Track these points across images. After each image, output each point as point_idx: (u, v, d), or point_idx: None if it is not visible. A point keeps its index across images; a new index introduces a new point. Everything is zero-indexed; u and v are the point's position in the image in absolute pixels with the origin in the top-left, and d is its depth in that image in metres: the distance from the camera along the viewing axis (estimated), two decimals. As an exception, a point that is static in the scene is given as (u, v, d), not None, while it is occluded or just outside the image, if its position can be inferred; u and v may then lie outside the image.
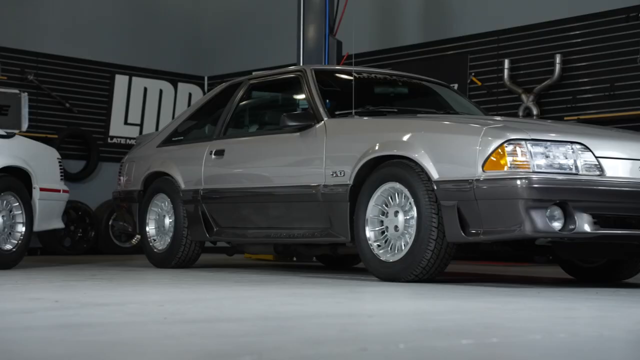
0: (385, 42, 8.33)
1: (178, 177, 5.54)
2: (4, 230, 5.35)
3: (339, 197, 4.42)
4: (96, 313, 2.64)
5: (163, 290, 3.68)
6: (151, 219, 5.75)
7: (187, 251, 5.52)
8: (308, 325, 2.30)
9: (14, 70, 8.36)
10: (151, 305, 2.90)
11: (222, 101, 5.62)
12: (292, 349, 1.81)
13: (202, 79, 9.87)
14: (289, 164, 4.82)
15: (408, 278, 4.05)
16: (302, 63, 6.70)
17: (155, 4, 9.57)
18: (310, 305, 2.93)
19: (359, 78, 5.04)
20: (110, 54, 9.12)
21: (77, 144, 8.90)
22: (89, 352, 1.84)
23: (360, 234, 4.27)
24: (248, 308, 2.82)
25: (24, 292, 3.44)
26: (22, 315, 2.56)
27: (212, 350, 1.81)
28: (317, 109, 4.74)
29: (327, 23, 6.63)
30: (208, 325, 2.32)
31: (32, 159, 5.58)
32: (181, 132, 5.90)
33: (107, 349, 1.89)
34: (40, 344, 1.94)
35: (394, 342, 1.91)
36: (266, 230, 4.96)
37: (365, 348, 1.81)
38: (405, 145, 4.11)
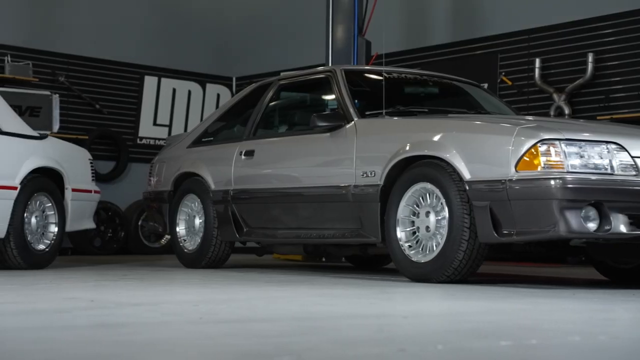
0: (414, 41, 8.30)
1: (208, 177, 5.56)
2: (37, 231, 5.41)
3: (370, 197, 4.41)
4: (131, 313, 2.66)
5: (195, 290, 3.69)
6: (181, 220, 5.78)
7: (217, 251, 5.54)
8: (342, 326, 2.29)
9: (45, 72, 8.45)
10: (185, 305, 2.91)
11: (252, 102, 5.64)
12: (330, 350, 1.80)
13: (230, 79, 9.91)
14: (319, 164, 4.81)
15: (440, 279, 4.03)
16: (331, 63, 6.69)
17: (184, 5, 9.63)
18: (343, 306, 2.92)
19: (389, 78, 5.02)
20: (140, 55, 9.19)
21: (107, 145, 8.98)
22: (128, 351, 1.85)
23: (391, 234, 4.25)
24: (280, 308, 2.82)
25: (60, 292, 3.47)
26: (59, 314, 2.58)
27: (250, 351, 1.81)
28: (347, 109, 4.73)
29: (356, 23, 6.61)
30: (242, 326, 2.32)
31: (65, 160, 5.64)
32: (211, 133, 5.92)
33: (145, 348, 1.89)
34: (80, 343, 1.96)
35: (431, 343, 1.89)
36: (296, 231, 4.96)
37: (404, 349, 1.79)
38: (437, 145, 4.09)
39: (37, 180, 5.36)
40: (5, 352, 1.83)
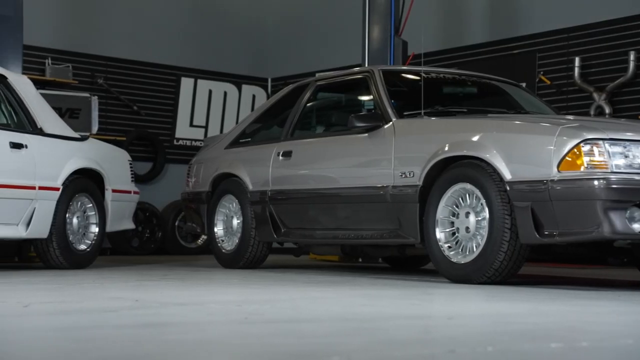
0: (451, 41, 8.26)
1: (246, 178, 5.59)
2: (78, 231, 5.48)
3: (408, 198, 4.40)
4: (177, 312, 2.68)
5: (236, 290, 3.71)
6: (219, 220, 5.82)
7: (254, 252, 5.56)
8: (389, 327, 2.29)
9: (84, 75, 8.57)
10: (229, 305, 2.93)
11: (289, 103, 5.65)
12: (379, 350, 1.80)
13: (265, 80, 9.95)
14: (357, 164, 4.81)
15: (480, 280, 4.01)
16: (368, 64, 6.69)
17: (220, 7, 9.69)
18: (386, 307, 2.92)
19: (428, 78, 5.00)
20: (176, 57, 9.27)
21: (144, 146, 9.07)
22: (178, 350, 1.87)
23: (431, 235, 4.23)
24: (324, 309, 2.83)
25: (104, 292, 3.52)
26: (107, 314, 2.62)
27: (299, 351, 1.82)
28: (385, 109, 4.73)
29: (393, 23, 6.60)
30: (288, 326, 2.33)
31: (105, 161, 5.71)
32: (249, 134, 5.95)
33: (195, 348, 1.91)
34: (129, 342, 1.98)
35: (480, 344, 1.89)
36: (334, 231, 4.96)
37: (453, 350, 1.79)
38: (476, 145, 4.07)
39: (79, 181, 5.43)
40: (57, 350, 1.86)
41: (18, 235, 5.03)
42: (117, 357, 1.75)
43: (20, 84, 5.31)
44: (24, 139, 5.06)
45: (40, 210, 5.09)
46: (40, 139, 5.21)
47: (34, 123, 5.25)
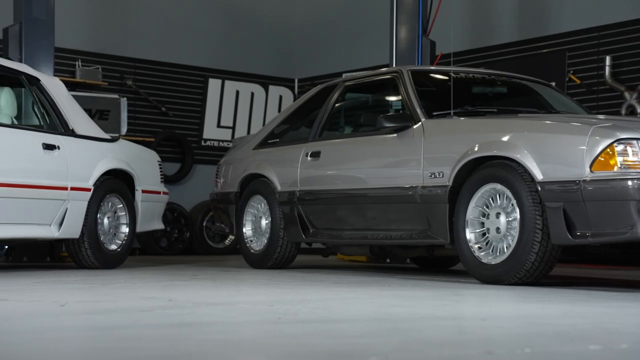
0: (479, 41, 8.22)
1: (274, 178, 5.61)
2: (109, 231, 5.54)
3: (438, 198, 4.39)
4: (210, 312, 2.70)
5: (267, 290, 3.73)
6: (248, 220, 5.84)
7: (283, 252, 5.58)
8: (422, 327, 2.29)
9: (113, 77, 8.66)
10: (261, 305, 2.95)
11: (318, 103, 5.66)
12: (415, 351, 1.80)
13: (292, 81, 9.98)
14: (385, 165, 4.81)
15: (511, 281, 3.99)
16: (395, 64, 6.67)
17: (247, 8, 9.73)
18: (418, 307, 2.92)
19: (457, 78, 4.98)
20: (204, 58, 9.33)
21: (172, 147, 9.13)
22: (215, 350, 1.89)
23: (460, 235, 4.22)
24: (357, 309, 2.83)
25: (137, 291, 3.55)
26: (142, 313, 2.65)
27: (335, 351, 1.82)
28: (414, 109, 4.72)
29: (420, 23, 6.58)
30: (322, 326, 2.34)
31: (135, 162, 5.76)
32: (277, 134, 5.97)
33: (231, 347, 1.93)
34: (166, 342, 2.00)
35: (517, 346, 1.88)
36: (363, 232, 4.96)
37: (490, 351, 1.78)
38: (507, 145, 4.05)
39: (109, 182, 5.49)
40: (96, 350, 1.89)
41: (51, 235, 5.09)
42: (155, 357, 1.77)
43: (52, 86, 5.38)
44: (56, 140, 5.12)
45: (72, 210, 5.15)
46: (72, 140, 5.27)
47: (66, 124, 5.31)
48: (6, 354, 1.82)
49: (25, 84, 5.23)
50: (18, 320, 2.50)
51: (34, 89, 5.27)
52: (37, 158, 4.94)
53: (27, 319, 2.53)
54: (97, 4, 8.72)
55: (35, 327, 2.31)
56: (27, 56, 6.11)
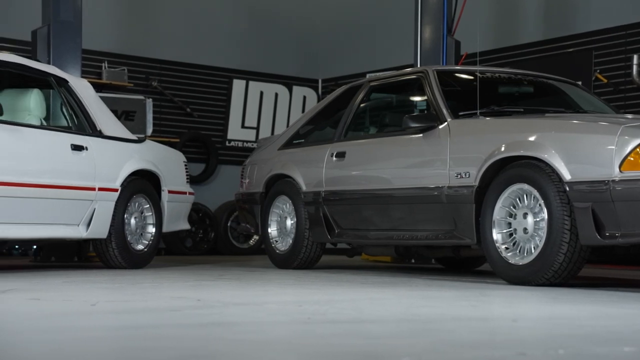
0: (504, 40, 8.17)
1: (299, 179, 5.62)
2: (136, 231, 5.58)
3: (464, 198, 4.37)
4: (239, 312, 2.71)
5: (294, 290, 3.74)
6: (273, 221, 5.86)
7: (308, 252, 5.59)
8: (453, 328, 2.28)
9: (139, 78, 8.72)
10: (290, 305, 2.96)
11: (342, 103, 5.67)
12: (449, 352, 1.80)
13: (316, 82, 9.99)
14: (411, 165, 4.80)
15: (539, 282, 3.96)
16: (420, 64, 6.66)
17: (271, 9, 9.76)
18: (446, 308, 2.91)
19: (483, 78, 4.96)
20: (228, 59, 9.37)
21: (197, 148, 9.18)
22: (246, 350, 1.90)
23: (487, 236, 4.20)
24: (385, 309, 2.83)
25: (165, 291, 3.58)
26: (172, 312, 2.67)
27: (368, 352, 1.83)
28: (440, 109, 4.70)
29: (445, 23, 6.56)
30: (352, 326, 2.34)
31: (161, 163, 5.80)
32: (302, 135, 5.98)
33: (261, 347, 1.94)
34: (198, 341, 2.02)
35: (551, 347, 1.87)
36: (388, 232, 4.95)
37: (524, 353, 1.78)
38: (534, 145, 4.02)
39: (136, 182, 5.53)
40: (128, 349, 1.90)
41: (79, 235, 5.14)
42: (187, 357, 1.78)
43: (80, 88, 5.43)
44: (84, 141, 5.17)
45: (100, 210, 5.20)
46: (100, 141, 5.32)
47: (94, 125, 5.36)
48: (40, 352, 1.85)
49: (54, 85, 5.29)
50: (50, 319, 2.53)
51: (63, 91, 5.32)
52: (65, 159, 4.99)
53: (59, 318, 2.56)
54: (123, 6, 8.79)
55: (68, 326, 2.34)
56: (55, 58, 6.17)
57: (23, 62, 5.06)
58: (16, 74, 5.03)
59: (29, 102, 5.06)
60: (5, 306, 2.89)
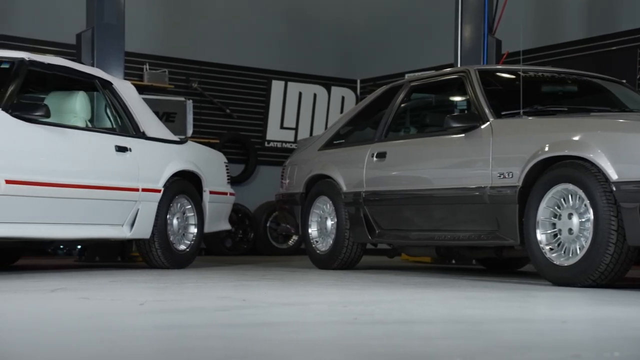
0: (545, 38, 8.08)
1: (340, 179, 5.62)
2: (178, 232, 5.64)
3: (507, 199, 4.33)
4: (286, 312, 2.73)
5: (337, 291, 3.74)
6: (313, 221, 5.87)
7: (349, 253, 5.59)
8: (502, 330, 2.27)
9: (179, 79, 8.81)
10: (335, 305, 2.96)
11: (383, 104, 5.66)
12: (502, 354, 1.79)
13: (354, 82, 9.99)
14: (453, 165, 4.77)
15: (584, 283, 3.91)
16: (460, 64, 6.62)
17: (309, 10, 9.79)
18: (492, 309, 2.89)
19: (526, 77, 4.91)
20: (267, 60, 9.42)
21: (236, 149, 9.24)
22: (295, 350, 1.91)
23: (531, 236, 4.16)
24: (431, 310, 2.82)
25: (210, 291, 3.61)
26: (219, 312, 2.69)
27: (420, 353, 1.82)
28: (482, 109, 4.67)
29: (486, 22, 6.51)
30: (400, 327, 2.34)
31: (202, 163, 5.85)
32: (342, 135, 5.99)
33: (311, 347, 1.94)
34: (249, 341, 2.03)
35: (605, 349, 1.85)
36: (430, 233, 4.93)
37: (578, 355, 1.76)
38: (579, 145, 3.97)
39: (178, 183, 5.58)
40: (179, 349, 1.92)
41: (123, 235, 5.21)
42: (237, 357, 1.80)
43: (124, 89, 5.50)
44: (128, 142, 5.24)
45: (143, 211, 5.26)
46: (143, 142, 5.38)
47: (137, 127, 5.43)
48: (93, 351, 1.88)
49: (99, 87, 5.37)
50: (101, 318, 2.57)
51: (107, 93, 5.40)
52: (110, 160, 5.06)
53: (109, 317, 2.60)
54: (163, 8, 8.89)
55: (118, 326, 2.38)
56: (99, 60, 6.27)
57: (70, 65, 5.15)
58: (62, 77, 5.12)
59: (75, 104, 5.14)
60: (55, 305, 2.95)
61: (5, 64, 4.69)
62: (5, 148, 4.30)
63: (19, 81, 4.59)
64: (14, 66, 4.67)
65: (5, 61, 4.73)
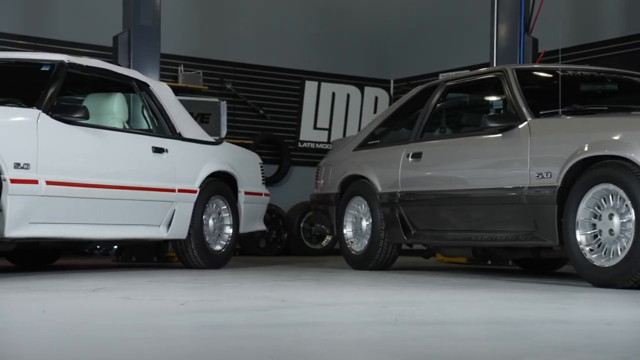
0: (583, 37, 7.98)
1: (375, 180, 5.61)
2: (214, 232, 5.67)
3: (546, 199, 4.29)
4: (326, 312, 2.73)
5: (374, 291, 3.74)
6: (348, 222, 5.86)
7: (384, 253, 5.58)
8: (546, 331, 2.24)
9: (214, 80, 8.87)
10: (374, 306, 2.96)
11: (418, 104, 5.63)
12: (549, 356, 1.77)
13: (388, 82, 9.96)
14: (489, 165, 4.74)
15: (626, 284, 3.85)
16: (496, 63, 6.57)
17: (342, 10, 9.79)
18: (533, 310, 2.86)
19: (564, 76, 4.85)
20: (300, 61, 9.44)
21: (270, 149, 9.27)
22: (341, 350, 1.90)
23: (570, 237, 4.11)
24: (471, 312, 2.80)
25: (247, 291, 3.62)
26: (259, 312, 2.70)
27: (465, 354, 1.81)
28: (520, 109, 4.63)
29: (522, 21, 6.45)
30: (442, 328, 2.32)
31: (238, 164, 5.88)
32: (377, 136, 5.97)
33: (356, 348, 1.94)
34: (293, 341, 2.04)
35: (654, 352, 1.82)
36: (466, 233, 4.90)
37: (627, 357, 1.73)
38: (619, 144, 3.91)
39: (214, 183, 5.62)
40: (229, 349, 1.93)
41: (160, 236, 5.25)
42: (283, 356, 1.80)
43: (161, 91, 5.55)
44: (164, 143, 5.29)
45: (180, 212, 5.30)
46: (180, 143, 5.42)
47: (173, 128, 5.47)
48: (137, 350, 1.89)
49: (136, 89, 5.42)
50: (143, 318, 2.59)
51: (144, 94, 5.45)
52: (147, 161, 5.11)
53: (151, 317, 2.62)
54: (197, 10, 8.95)
55: (161, 325, 2.39)
56: (135, 62, 6.33)
57: (108, 67, 5.21)
58: (100, 79, 5.18)
59: (113, 105, 5.19)
60: (98, 305, 2.98)
61: (46, 67, 4.76)
62: (45, 149, 4.37)
63: (58, 83, 4.66)
64: (54, 68, 4.73)
65: (45, 64, 4.79)
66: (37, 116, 4.41)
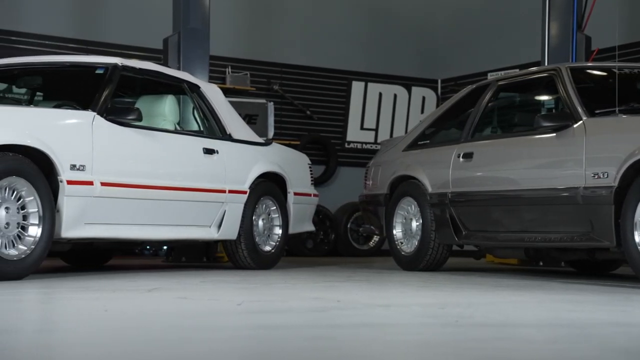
0: (637, 34, 7.81)
1: (425, 180, 5.57)
2: (263, 233, 5.69)
3: (602, 199, 4.20)
4: (385, 314, 2.71)
5: (428, 292, 3.70)
6: (398, 222, 5.83)
7: (434, 254, 5.53)
8: (613, 334, 2.19)
9: (261, 82, 8.91)
10: (432, 307, 2.93)
11: (468, 104, 5.58)
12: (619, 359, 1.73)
13: (435, 82, 9.89)
14: (543, 165, 4.66)
15: (687, 287, 3.76)
16: (547, 62, 6.46)
17: (389, 10, 9.75)
18: (594, 313, 2.80)
19: (620, 74, 4.75)
20: (347, 61, 9.43)
21: (317, 150, 9.28)
22: (405, 351, 1.89)
23: (629, 238, 4.02)
24: (532, 314, 2.76)
25: (300, 292, 3.62)
26: (317, 313, 2.69)
27: (538, 357, 1.78)
28: (574, 108, 4.55)
29: (575, 18, 6.34)
30: (505, 330, 2.29)
31: (287, 165, 5.89)
32: (427, 136, 5.93)
33: (422, 350, 1.92)
34: (355, 342, 2.02)
35: None
36: (519, 234, 4.83)
37: None
38: (680, 143, 3.82)
39: (263, 184, 5.63)
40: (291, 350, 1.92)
41: (211, 236, 5.29)
42: (351, 357, 1.79)
43: (211, 93, 5.59)
44: (215, 144, 5.32)
45: (230, 212, 5.33)
46: (230, 144, 5.46)
47: (224, 129, 5.51)
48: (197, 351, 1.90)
49: (187, 91, 5.47)
50: (202, 318, 2.61)
51: (195, 96, 5.50)
52: (198, 162, 5.15)
53: (210, 317, 2.64)
54: (245, 12, 9.00)
55: (220, 325, 2.40)
56: (185, 64, 6.39)
57: (160, 70, 5.27)
58: (151, 81, 5.24)
59: (164, 107, 5.24)
60: (155, 305, 3.01)
61: (100, 69, 4.83)
62: (100, 151, 4.43)
63: (112, 86, 4.72)
64: (108, 71, 4.80)
65: (99, 66, 4.86)
66: (92, 118, 4.48)
